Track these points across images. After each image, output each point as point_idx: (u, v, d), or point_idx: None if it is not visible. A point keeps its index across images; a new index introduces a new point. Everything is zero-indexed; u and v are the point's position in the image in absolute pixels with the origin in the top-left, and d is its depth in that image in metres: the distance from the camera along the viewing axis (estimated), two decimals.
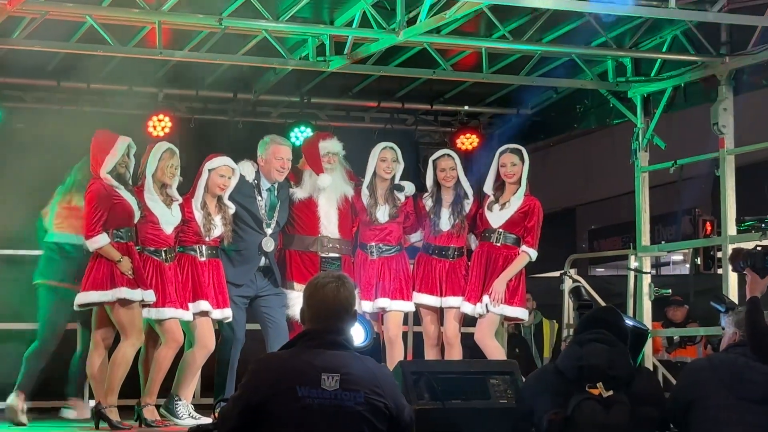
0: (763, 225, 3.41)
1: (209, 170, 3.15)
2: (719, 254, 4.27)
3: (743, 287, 2.35)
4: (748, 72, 4.01)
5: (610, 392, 1.94)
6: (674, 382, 3.10)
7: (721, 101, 3.94)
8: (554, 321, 4.04)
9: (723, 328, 2.46)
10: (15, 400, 3.14)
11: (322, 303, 1.52)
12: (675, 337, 4.54)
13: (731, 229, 3.71)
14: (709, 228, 5.14)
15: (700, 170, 4.50)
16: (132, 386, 3.05)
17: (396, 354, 3.25)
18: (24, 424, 3.10)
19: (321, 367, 1.37)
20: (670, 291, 4.30)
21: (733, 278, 3.53)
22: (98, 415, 2.97)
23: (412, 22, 3.49)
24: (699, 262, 5.45)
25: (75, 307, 3.02)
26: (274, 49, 3.87)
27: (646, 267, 4.19)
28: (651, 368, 3.35)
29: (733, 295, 3.32)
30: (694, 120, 4.38)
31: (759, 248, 2.30)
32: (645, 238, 4.35)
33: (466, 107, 5.32)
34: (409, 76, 4.77)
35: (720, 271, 4.11)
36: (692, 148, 4.44)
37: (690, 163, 4.38)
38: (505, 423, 2.35)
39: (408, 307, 3.35)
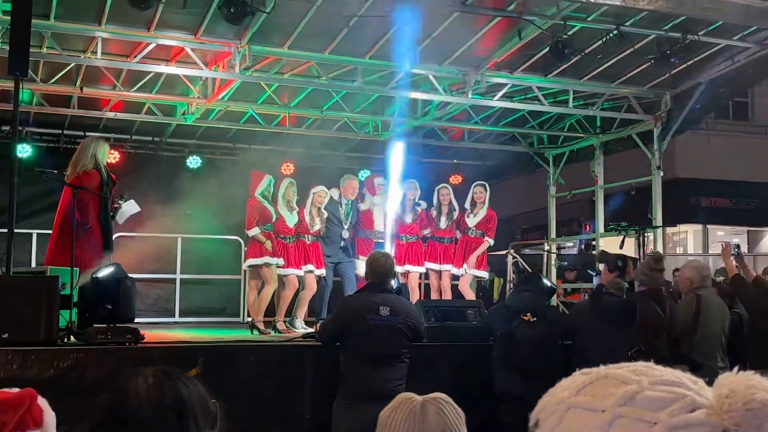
0: (619, 227, 5.81)
1: (313, 193, 5.45)
2: (593, 243, 6.91)
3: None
4: (613, 142, 6.76)
5: (534, 319, 3.54)
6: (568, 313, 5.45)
7: (596, 159, 6.65)
8: (501, 279, 6.38)
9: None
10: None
11: (378, 267, 3.55)
12: (569, 288, 6.99)
13: (601, 229, 6.34)
14: (588, 228, 7.93)
15: (585, 196, 7.28)
16: (270, 311, 5.22)
17: (415, 296, 5.52)
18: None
19: (379, 303, 3.34)
20: (566, 263, 6.98)
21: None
22: (252, 326, 5.16)
23: None
24: (582, 248, 8.33)
25: (245, 267, 5.30)
26: None
27: (554, 250, 6.85)
28: (556, 306, 5.72)
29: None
30: (581, 168, 7.09)
31: (618, 258, 4.16)
32: (553, 233, 7.02)
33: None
34: None
35: (594, 252, 6.64)
36: (581, 184, 7.18)
37: (579, 193, 7.14)
38: (476, 336, 4.30)
39: (421, 270, 5.68)
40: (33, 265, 5.71)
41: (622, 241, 5.19)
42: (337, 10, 4.62)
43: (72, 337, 3.67)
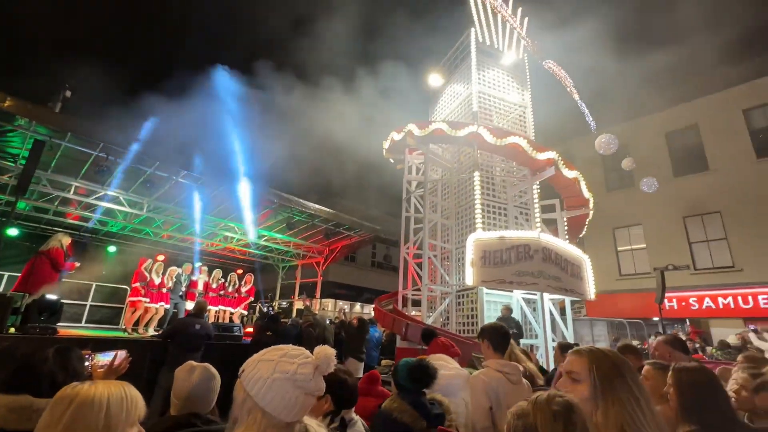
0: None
1: (169, 269, 11.39)
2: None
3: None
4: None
5: None
6: None
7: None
8: None
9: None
10: None
11: (198, 305, 10.13)
12: None
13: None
14: None
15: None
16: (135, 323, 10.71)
17: (211, 319, 11.55)
18: None
19: (196, 322, 9.81)
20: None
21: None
22: (124, 329, 10.57)
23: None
24: None
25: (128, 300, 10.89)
26: None
27: None
28: None
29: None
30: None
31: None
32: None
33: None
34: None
35: None
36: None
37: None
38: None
39: (215, 308, 11.80)
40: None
41: None
42: None
43: (14, 329, 5.95)
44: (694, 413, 1.81)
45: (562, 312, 9.42)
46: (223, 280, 11.86)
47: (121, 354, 2.44)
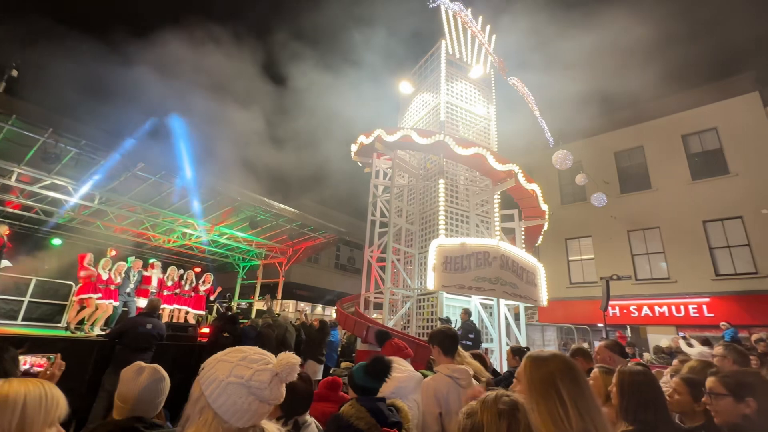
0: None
1: (117, 264, 10.73)
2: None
3: None
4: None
5: None
6: None
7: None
8: None
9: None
10: None
11: (151, 303, 9.74)
12: None
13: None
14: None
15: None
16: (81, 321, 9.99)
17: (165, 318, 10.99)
18: None
19: (147, 321, 9.36)
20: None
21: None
22: (67, 328, 9.82)
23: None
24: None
25: (77, 298, 10.11)
26: None
27: None
28: None
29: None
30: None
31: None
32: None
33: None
34: None
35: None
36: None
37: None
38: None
39: (171, 307, 11.28)
40: None
41: None
42: None
43: None
44: (631, 413, 1.94)
45: (517, 317, 9.79)
46: (178, 278, 11.35)
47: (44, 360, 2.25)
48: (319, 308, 21.14)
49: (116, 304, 9.88)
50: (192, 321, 11.07)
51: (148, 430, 1.70)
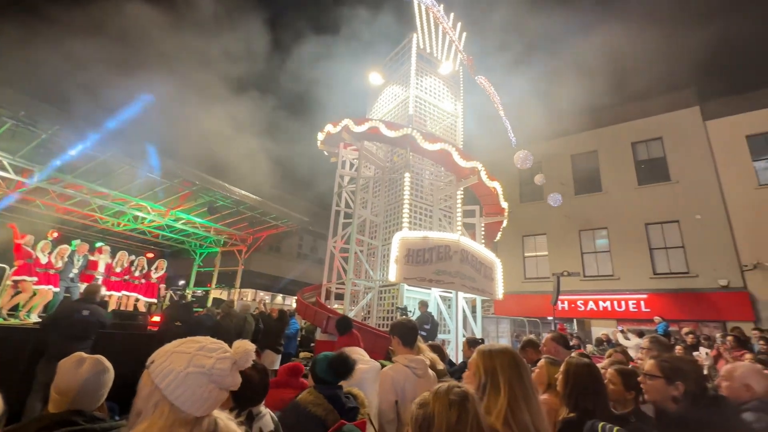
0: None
1: (60, 247, 9.95)
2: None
3: None
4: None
5: None
6: None
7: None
8: None
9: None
10: None
11: (90, 288, 9.10)
12: None
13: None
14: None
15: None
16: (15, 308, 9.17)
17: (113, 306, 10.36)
18: None
19: (83, 308, 8.75)
20: None
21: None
22: None
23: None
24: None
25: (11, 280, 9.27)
26: None
27: None
28: None
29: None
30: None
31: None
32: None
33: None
34: None
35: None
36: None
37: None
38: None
39: (117, 293, 10.65)
40: None
41: None
42: None
43: None
44: (573, 400, 2.11)
45: (474, 310, 10.10)
46: (128, 263, 10.71)
47: None
48: (279, 297, 20.77)
49: (56, 290, 9.19)
50: (143, 309, 10.51)
51: (88, 423, 1.60)
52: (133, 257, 10.92)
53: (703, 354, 7.53)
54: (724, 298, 13.31)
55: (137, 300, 10.67)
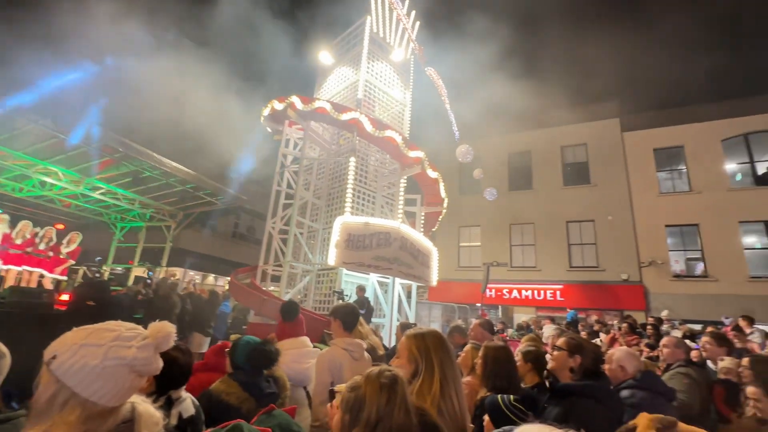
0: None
1: None
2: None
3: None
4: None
5: None
6: None
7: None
8: None
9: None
10: None
11: None
12: None
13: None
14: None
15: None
16: None
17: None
18: None
19: None
20: None
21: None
22: None
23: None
24: None
25: None
26: None
27: None
28: None
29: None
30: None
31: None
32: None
33: None
34: None
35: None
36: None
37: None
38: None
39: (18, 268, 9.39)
40: None
41: None
42: None
43: None
44: (490, 380, 2.36)
45: (409, 295, 10.42)
46: (32, 235, 9.47)
47: None
48: (210, 278, 19.72)
49: None
50: (49, 287, 9.39)
51: None
52: (38, 229, 9.66)
53: (598, 341, 8.52)
54: (623, 290, 15.13)
55: (42, 276, 9.51)
